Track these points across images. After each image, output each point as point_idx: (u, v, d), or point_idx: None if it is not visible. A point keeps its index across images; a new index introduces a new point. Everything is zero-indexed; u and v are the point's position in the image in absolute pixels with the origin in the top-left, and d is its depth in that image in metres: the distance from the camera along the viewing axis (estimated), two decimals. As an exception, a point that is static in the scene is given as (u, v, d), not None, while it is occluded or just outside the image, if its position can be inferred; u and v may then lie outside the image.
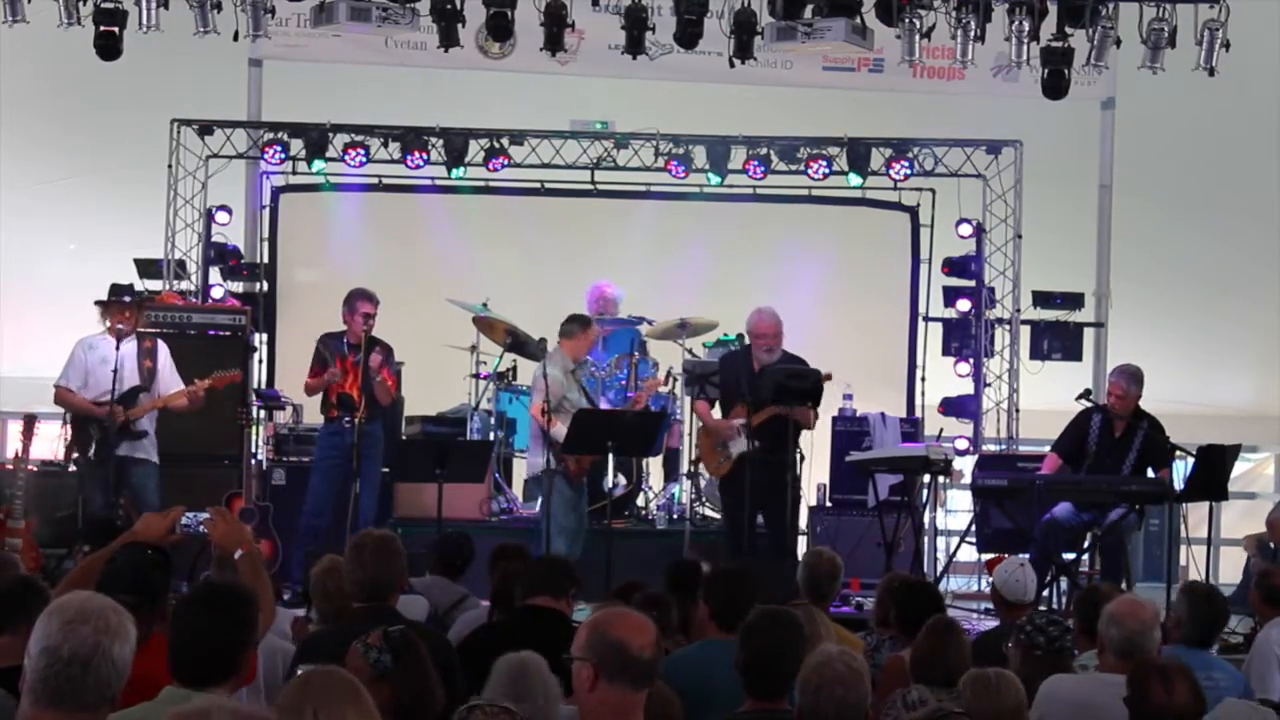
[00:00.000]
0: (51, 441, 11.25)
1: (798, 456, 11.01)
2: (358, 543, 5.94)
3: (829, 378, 10.90)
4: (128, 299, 10.84)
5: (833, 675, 4.55)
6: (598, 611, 4.79)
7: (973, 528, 11.43)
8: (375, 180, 13.98)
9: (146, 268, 13.43)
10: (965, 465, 12.63)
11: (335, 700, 3.83)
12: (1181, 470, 10.72)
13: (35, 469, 10.80)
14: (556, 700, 4.56)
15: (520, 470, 12.47)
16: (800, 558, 8.88)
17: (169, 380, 10.70)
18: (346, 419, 11.02)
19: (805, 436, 11.36)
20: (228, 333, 12.37)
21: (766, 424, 10.61)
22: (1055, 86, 11.65)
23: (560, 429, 10.65)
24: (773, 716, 4.89)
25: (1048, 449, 11.14)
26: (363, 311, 11.02)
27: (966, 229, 13.81)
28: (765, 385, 10.59)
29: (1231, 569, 12.56)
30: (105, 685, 3.56)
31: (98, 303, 10.79)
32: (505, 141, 13.61)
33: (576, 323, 11.05)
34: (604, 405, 11.57)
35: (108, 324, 10.55)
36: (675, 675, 5.84)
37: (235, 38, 11.48)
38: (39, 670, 3.54)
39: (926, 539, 12.16)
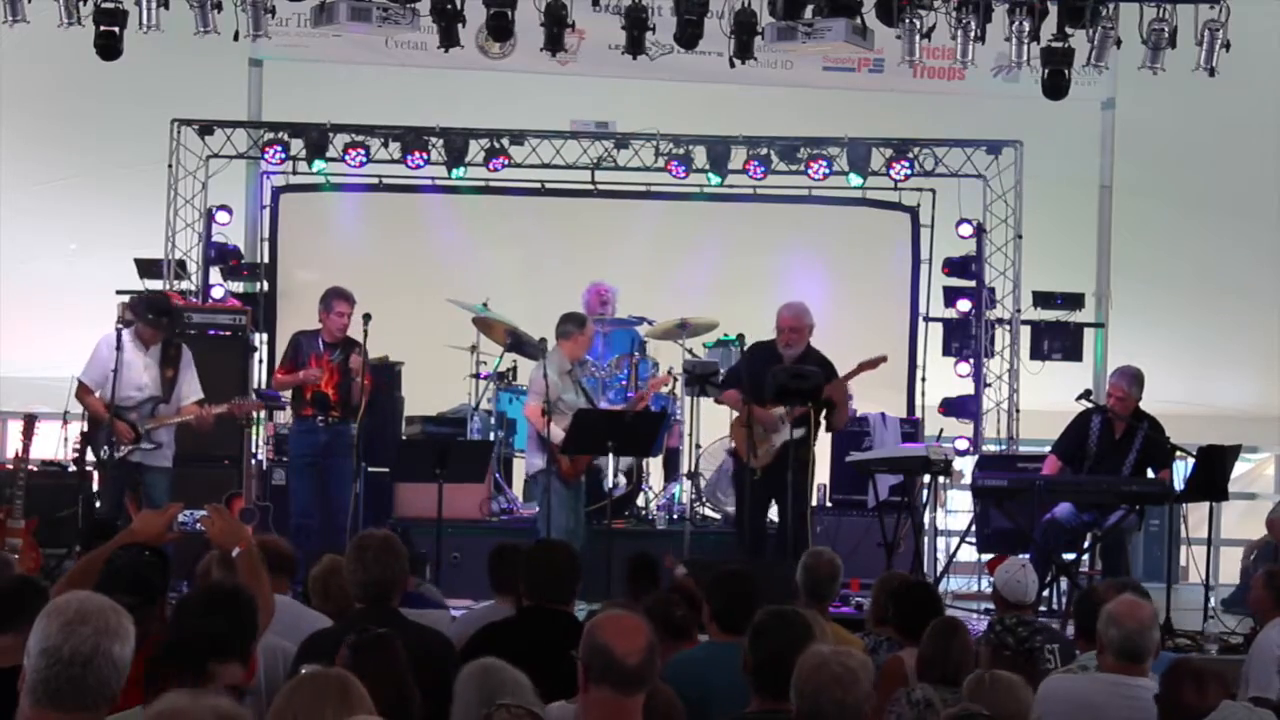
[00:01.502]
0: (52, 441, 11.24)
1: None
2: (360, 543, 5.94)
3: (884, 359, 10.90)
4: (164, 320, 10.51)
5: (830, 677, 4.54)
6: (599, 612, 4.79)
7: (973, 528, 11.43)
8: (375, 180, 13.98)
9: (147, 268, 13.43)
10: (965, 465, 12.62)
11: (325, 703, 3.82)
12: (1181, 471, 10.72)
13: (35, 469, 10.79)
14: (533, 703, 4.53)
15: (520, 470, 12.47)
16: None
17: (189, 388, 10.58)
18: (320, 418, 10.99)
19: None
20: (228, 333, 12.37)
21: (804, 416, 10.63)
22: (1055, 86, 11.66)
23: (555, 430, 10.65)
24: (780, 717, 4.89)
25: (1048, 449, 11.14)
26: (338, 310, 10.99)
27: (967, 229, 13.81)
28: (769, 384, 10.60)
29: (1232, 569, 12.56)
30: (105, 685, 3.56)
31: (129, 308, 10.67)
32: (505, 141, 13.61)
33: (573, 322, 11.02)
34: (604, 405, 11.56)
35: (125, 320, 10.46)
36: (676, 676, 5.84)
37: (235, 38, 11.48)
38: (39, 670, 3.55)
39: (926, 539, 12.16)
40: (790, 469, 10.59)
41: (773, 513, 11.06)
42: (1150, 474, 10.55)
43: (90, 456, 10.58)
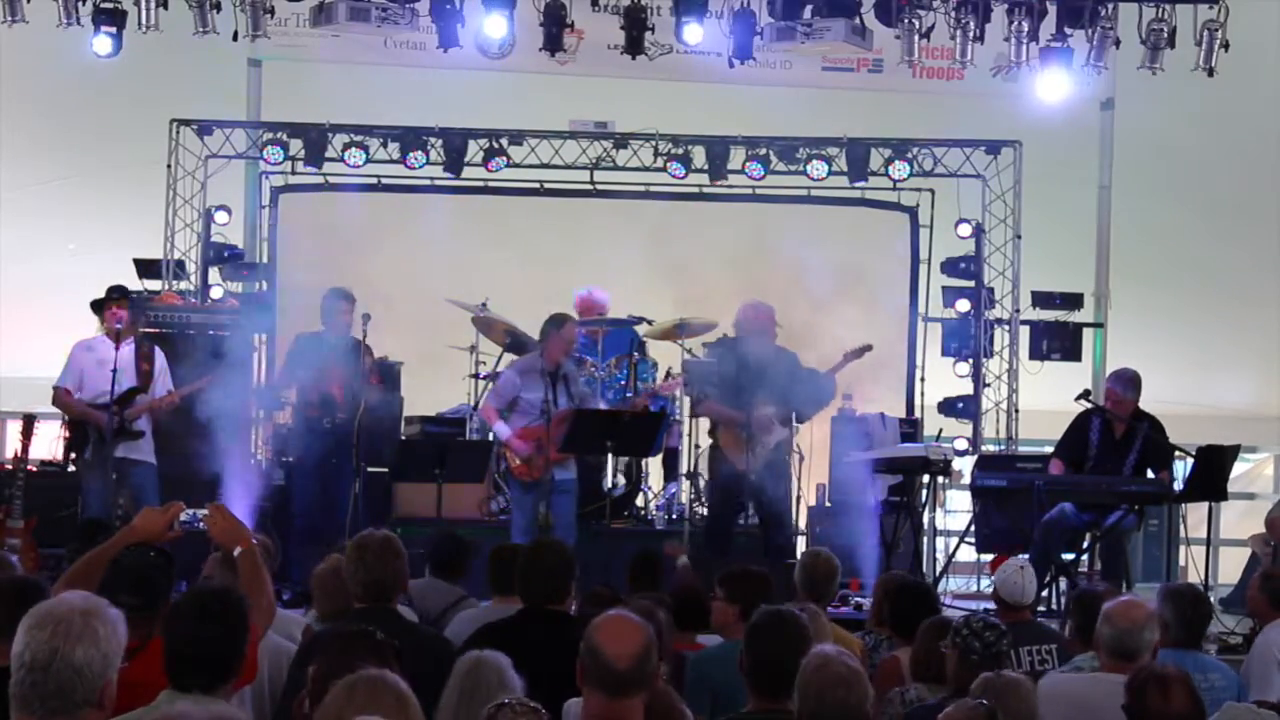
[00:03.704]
0: (51, 441, 11.25)
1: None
2: (360, 543, 5.94)
3: (869, 348, 11.05)
4: (133, 296, 10.77)
5: (834, 677, 4.56)
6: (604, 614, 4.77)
7: (972, 528, 11.43)
8: (375, 180, 13.97)
9: (146, 268, 13.43)
10: (964, 465, 12.62)
11: (377, 708, 3.80)
12: (1181, 471, 10.71)
13: (35, 469, 10.80)
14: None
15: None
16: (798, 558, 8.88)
17: (164, 384, 10.71)
18: (326, 419, 10.97)
19: (805, 436, 11.39)
20: (227, 333, 12.36)
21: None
22: (1055, 86, 11.67)
23: (501, 427, 10.65)
24: (778, 717, 4.90)
25: (1047, 449, 11.13)
26: (343, 310, 10.98)
27: (966, 229, 13.81)
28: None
29: (1231, 569, 12.55)
30: (68, 690, 3.52)
31: (93, 304, 10.78)
32: (504, 141, 13.62)
33: (551, 323, 10.90)
34: (602, 406, 11.56)
35: (105, 327, 10.57)
36: (700, 674, 5.86)
37: (235, 38, 11.51)
38: (13, 675, 3.55)
39: (926, 539, 12.16)
40: (772, 470, 10.61)
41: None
42: (1150, 474, 10.53)
43: (74, 455, 10.64)
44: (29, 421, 10.60)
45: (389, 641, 4.69)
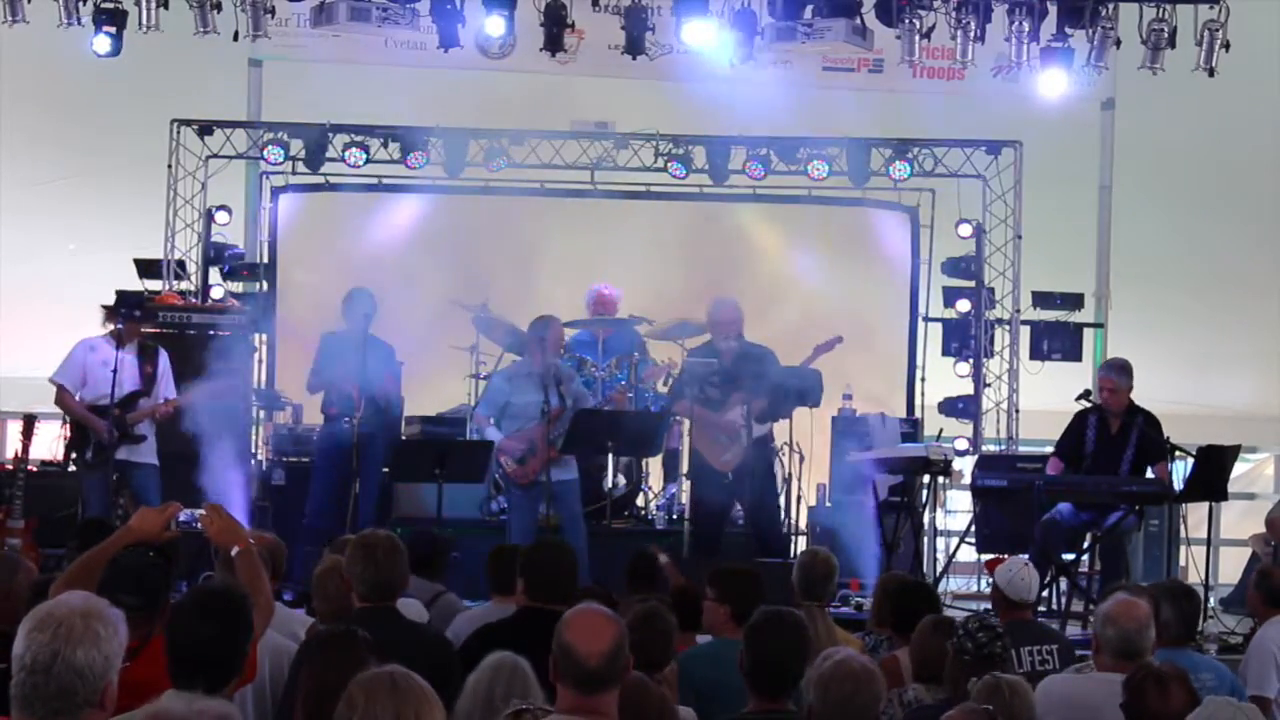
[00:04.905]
0: (51, 441, 11.25)
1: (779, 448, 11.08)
2: (366, 543, 5.93)
3: (839, 340, 10.96)
4: (137, 314, 10.74)
5: (845, 674, 4.58)
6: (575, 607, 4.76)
7: (972, 528, 11.43)
8: (375, 180, 13.98)
9: (146, 268, 13.42)
10: (965, 465, 12.62)
11: (399, 704, 3.80)
12: (1181, 471, 10.71)
13: (35, 469, 10.80)
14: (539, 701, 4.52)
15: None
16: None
17: (166, 388, 10.69)
18: (345, 419, 10.98)
19: (805, 436, 11.37)
20: (227, 333, 12.36)
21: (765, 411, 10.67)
22: (1055, 86, 11.67)
23: (492, 431, 10.65)
24: (778, 717, 4.90)
25: (1048, 449, 11.12)
26: (366, 311, 10.99)
27: (966, 229, 13.80)
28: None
29: (1231, 569, 12.55)
30: (70, 692, 3.52)
31: (105, 308, 10.76)
32: (505, 141, 13.62)
33: (534, 327, 10.89)
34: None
35: (110, 328, 10.55)
36: (691, 673, 5.86)
37: (235, 38, 11.50)
38: (13, 676, 3.56)
39: (926, 539, 12.16)
40: (753, 469, 10.58)
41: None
42: (1149, 469, 10.52)
43: (74, 455, 10.63)
44: (29, 421, 10.60)
45: (369, 639, 4.68)
